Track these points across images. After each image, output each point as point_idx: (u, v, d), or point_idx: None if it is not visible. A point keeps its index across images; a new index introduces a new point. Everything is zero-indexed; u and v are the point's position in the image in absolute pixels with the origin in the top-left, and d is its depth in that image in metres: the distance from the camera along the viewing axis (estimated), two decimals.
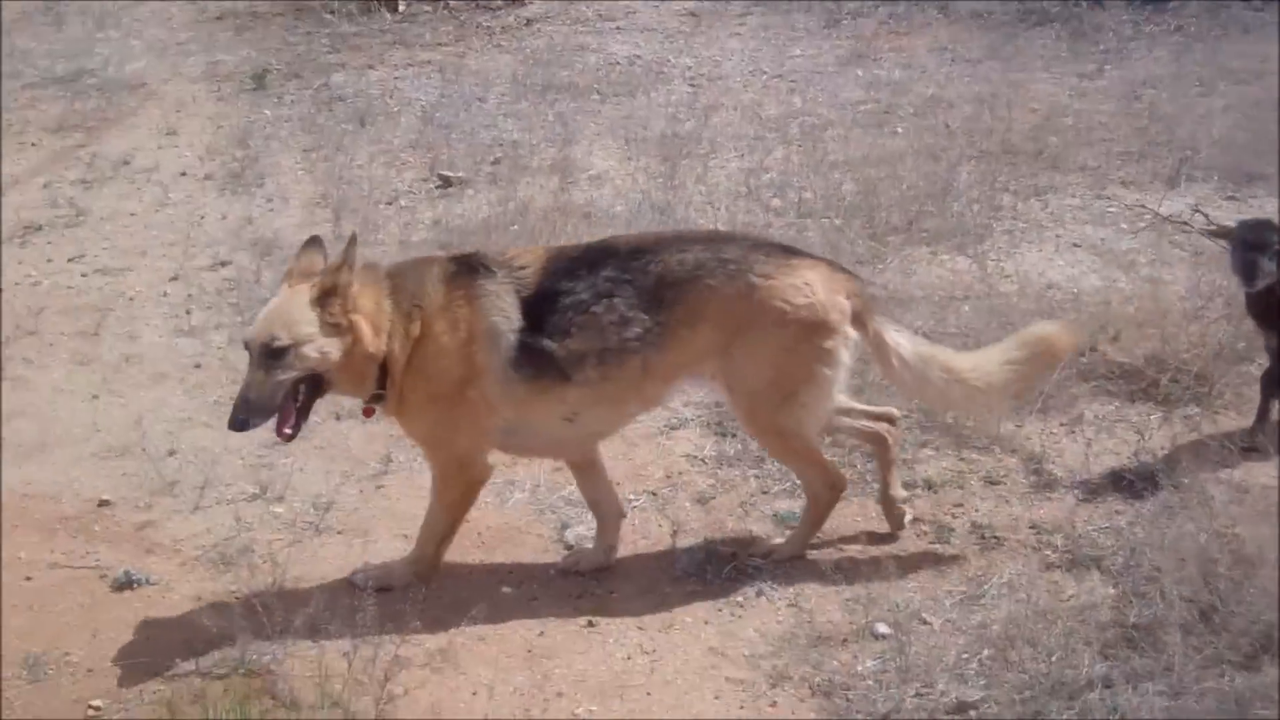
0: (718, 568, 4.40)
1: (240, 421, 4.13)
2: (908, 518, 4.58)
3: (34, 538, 4.83)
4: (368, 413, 4.45)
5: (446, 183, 8.08)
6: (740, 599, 4.30)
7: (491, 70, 10.59)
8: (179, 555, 4.66)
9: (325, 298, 4.12)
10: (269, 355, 4.09)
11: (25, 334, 6.43)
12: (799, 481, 4.57)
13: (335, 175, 8.26)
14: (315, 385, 4.21)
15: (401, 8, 12.82)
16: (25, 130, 9.82)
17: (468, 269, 4.32)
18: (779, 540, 4.54)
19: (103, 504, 5.02)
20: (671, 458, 5.07)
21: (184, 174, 8.67)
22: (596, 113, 9.41)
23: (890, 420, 4.62)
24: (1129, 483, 4.76)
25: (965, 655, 3.90)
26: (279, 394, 4.12)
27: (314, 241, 4.35)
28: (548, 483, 4.95)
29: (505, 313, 4.21)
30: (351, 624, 4.06)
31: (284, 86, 10.53)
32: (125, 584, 4.49)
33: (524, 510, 4.77)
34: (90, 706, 3.94)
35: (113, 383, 5.97)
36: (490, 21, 12.22)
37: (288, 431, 4.21)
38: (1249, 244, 4.81)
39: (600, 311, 4.19)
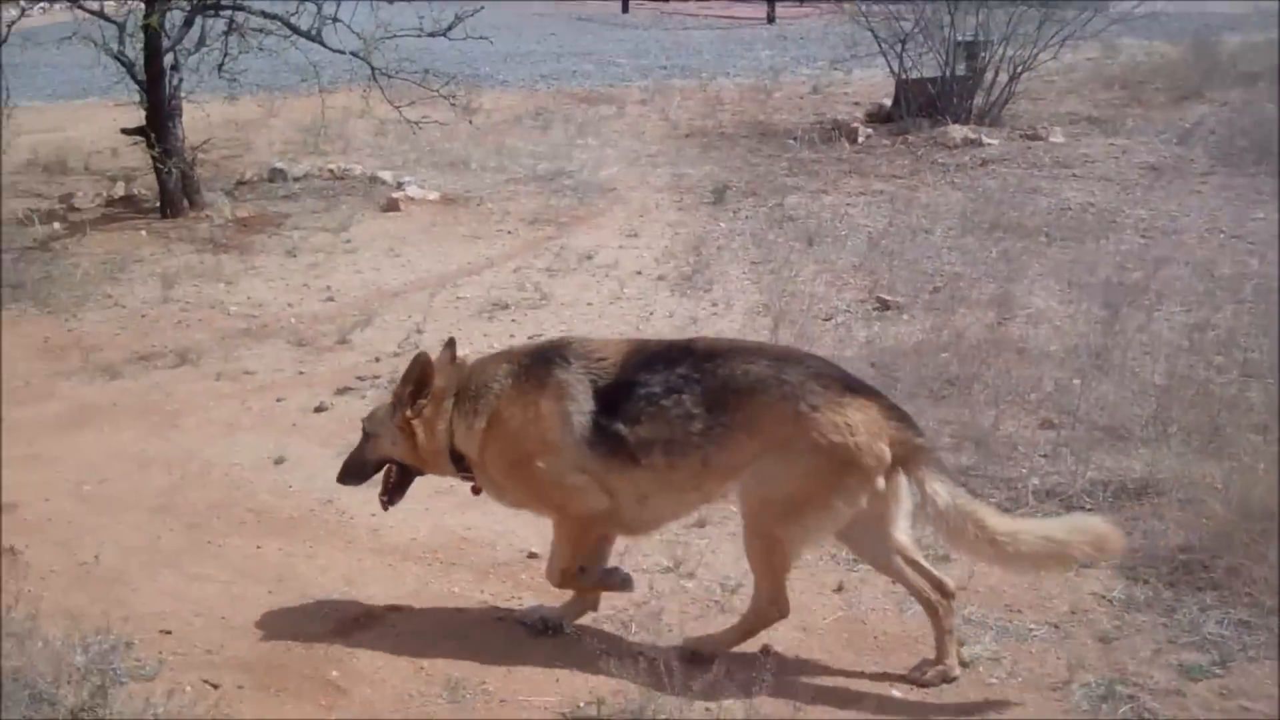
0: (1114, 708, 4.32)
1: (341, 478, 5.04)
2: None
3: (468, 577, 5.28)
4: (475, 491, 4.97)
5: (884, 305, 8.28)
6: None
7: (941, 205, 10.78)
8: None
9: (395, 406, 4.84)
10: (364, 437, 4.97)
11: None
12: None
13: (779, 288, 8.62)
14: (403, 469, 4.96)
15: (860, 140, 13.25)
16: (505, 219, 10.79)
17: (543, 361, 4.74)
18: None
19: (531, 556, 5.40)
20: (1079, 594, 4.99)
21: (639, 273, 9.27)
22: (1042, 254, 9.39)
23: (943, 591, 4.53)
24: None
25: None
26: (366, 468, 4.98)
27: (450, 344, 4.99)
28: None
29: (575, 398, 4.58)
30: (747, 694, 4.27)
31: (740, 203, 11.10)
32: (542, 630, 4.83)
33: (922, 622, 4.82)
34: None
35: None
36: (946, 159, 12.45)
37: (384, 499, 5.02)
38: None
39: (669, 405, 4.48)
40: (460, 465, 4.83)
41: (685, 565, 5.24)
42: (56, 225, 10.70)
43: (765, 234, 10.05)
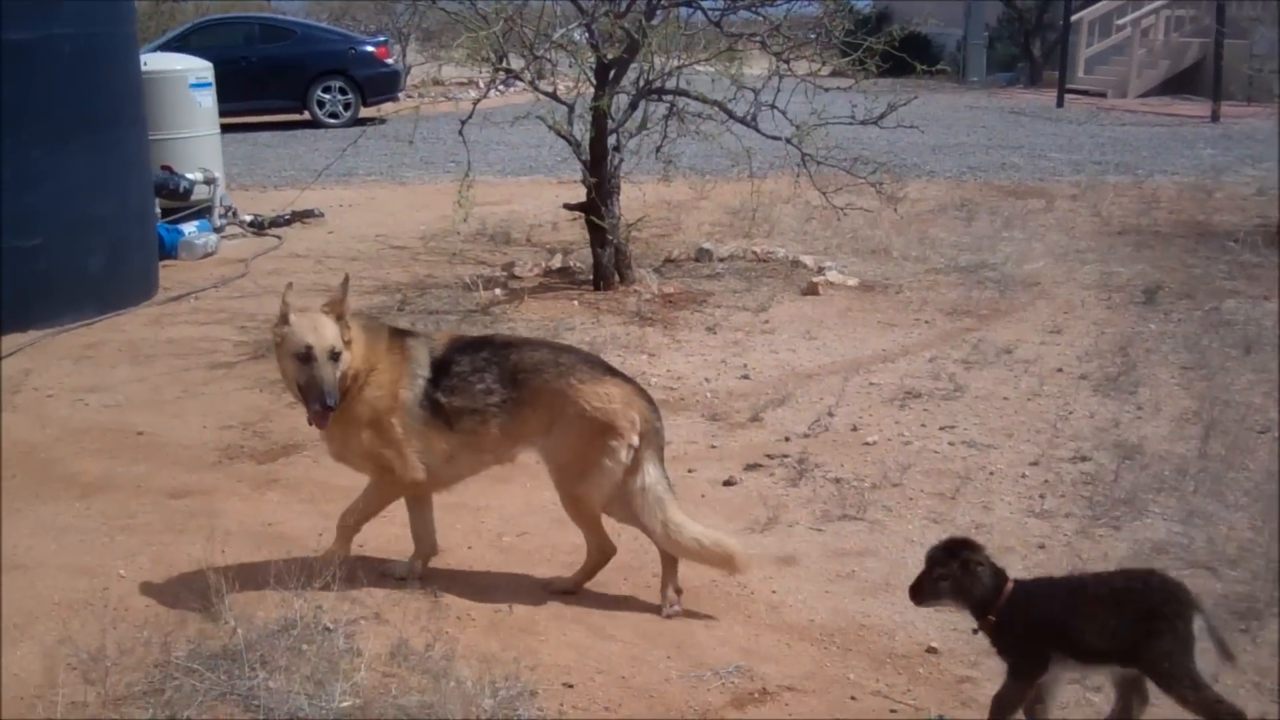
0: None
1: (330, 401, 5.35)
2: None
3: (864, 664, 5.19)
4: (309, 422, 5.58)
5: None
6: None
7: None
8: None
9: (338, 321, 5.44)
10: (332, 357, 5.38)
11: (890, 485, 6.97)
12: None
13: (1211, 396, 8.18)
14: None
15: None
16: (923, 309, 10.72)
17: (402, 333, 5.79)
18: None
19: (930, 650, 5.28)
20: None
21: (1060, 370, 8.99)
22: None
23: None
24: None
25: None
26: (339, 385, 5.40)
27: (345, 283, 5.57)
28: None
29: (421, 364, 5.60)
30: None
31: (1173, 304, 10.64)
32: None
33: None
34: None
35: None
36: None
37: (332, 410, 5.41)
38: None
39: (474, 381, 5.54)
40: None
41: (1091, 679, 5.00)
42: (498, 291, 11.38)
43: (1198, 338, 9.56)
